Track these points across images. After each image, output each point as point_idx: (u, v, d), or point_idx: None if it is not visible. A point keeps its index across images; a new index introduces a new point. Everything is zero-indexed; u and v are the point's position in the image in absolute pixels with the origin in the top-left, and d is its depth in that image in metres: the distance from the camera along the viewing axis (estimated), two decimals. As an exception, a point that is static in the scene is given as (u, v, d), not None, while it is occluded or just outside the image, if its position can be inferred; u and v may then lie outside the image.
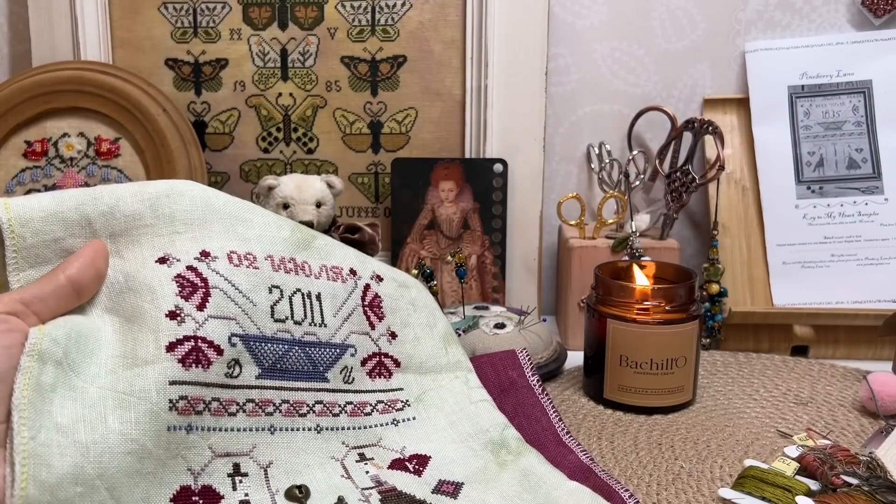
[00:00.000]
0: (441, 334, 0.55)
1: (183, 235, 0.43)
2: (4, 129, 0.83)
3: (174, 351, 0.39)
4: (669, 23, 0.92)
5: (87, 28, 0.87)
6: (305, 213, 0.74)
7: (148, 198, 0.43)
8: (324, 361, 0.47)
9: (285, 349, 0.45)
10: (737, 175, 0.89)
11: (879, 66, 0.87)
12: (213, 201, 0.45)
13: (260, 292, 0.44)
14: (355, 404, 0.49)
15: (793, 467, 0.55)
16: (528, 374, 0.60)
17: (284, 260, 0.47)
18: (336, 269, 0.50)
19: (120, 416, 0.36)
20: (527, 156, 0.87)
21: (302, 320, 0.46)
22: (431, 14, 0.88)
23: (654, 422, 0.65)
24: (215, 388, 0.41)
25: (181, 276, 0.42)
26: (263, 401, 0.44)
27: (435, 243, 0.88)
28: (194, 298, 0.41)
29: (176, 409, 0.39)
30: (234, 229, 0.45)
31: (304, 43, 0.89)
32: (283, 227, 0.48)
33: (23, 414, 0.34)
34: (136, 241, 0.42)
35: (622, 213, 0.86)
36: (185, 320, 0.40)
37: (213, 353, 0.41)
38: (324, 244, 0.51)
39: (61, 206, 0.41)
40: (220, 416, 0.41)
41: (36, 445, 0.33)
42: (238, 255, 0.44)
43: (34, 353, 0.35)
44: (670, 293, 0.66)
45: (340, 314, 0.49)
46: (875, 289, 0.84)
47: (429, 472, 0.47)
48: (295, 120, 0.91)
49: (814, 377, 0.74)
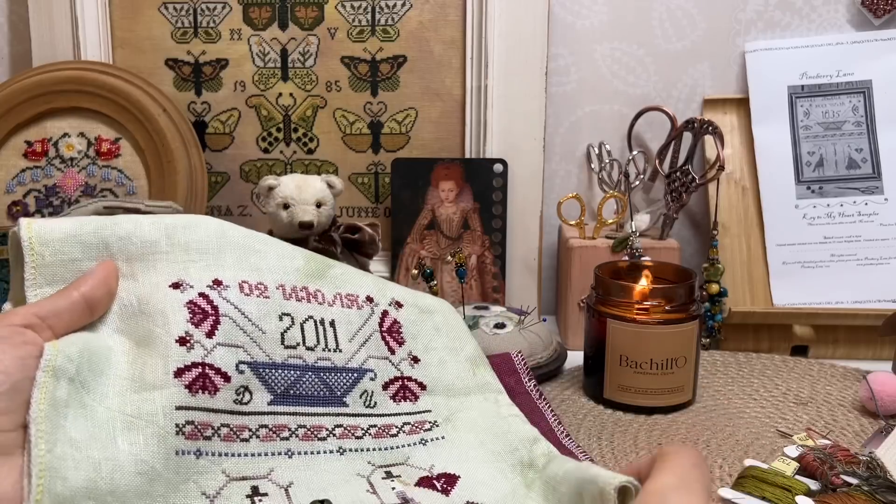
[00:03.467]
0: (468, 357, 0.54)
1: (197, 264, 0.44)
2: (5, 129, 0.83)
3: (182, 377, 0.40)
4: (669, 23, 0.92)
5: (87, 28, 0.87)
6: (305, 213, 0.74)
7: (165, 227, 0.44)
8: (341, 386, 0.47)
9: (297, 375, 0.45)
10: (737, 175, 0.89)
11: (879, 66, 0.87)
12: (229, 233, 0.47)
13: (270, 320, 0.45)
14: (380, 427, 0.48)
15: (793, 467, 0.55)
16: (525, 380, 0.61)
17: (297, 289, 0.48)
18: (351, 296, 0.50)
19: (128, 437, 0.37)
20: (527, 156, 0.87)
21: (315, 346, 0.47)
22: (431, 14, 0.88)
23: (654, 422, 0.65)
24: (224, 415, 0.42)
25: (193, 302, 0.43)
26: (277, 426, 0.44)
27: (435, 243, 0.89)
28: (204, 325, 0.42)
29: (183, 433, 0.39)
30: (247, 259, 0.46)
31: (305, 43, 0.89)
32: (296, 258, 0.49)
33: (40, 427, 0.34)
34: (152, 266, 0.43)
35: (622, 213, 0.86)
36: (194, 346, 0.41)
37: (220, 380, 0.42)
38: (340, 273, 0.51)
39: (80, 229, 0.42)
40: (231, 442, 0.42)
41: (52, 458, 0.34)
42: (249, 284, 0.45)
43: (49, 368, 0.36)
44: (670, 293, 0.66)
45: (356, 339, 0.49)
46: (875, 289, 0.85)
47: (457, 492, 0.46)
48: (295, 120, 0.91)
49: (814, 377, 0.74)
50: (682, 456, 0.36)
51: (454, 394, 0.52)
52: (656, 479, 0.34)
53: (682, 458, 0.35)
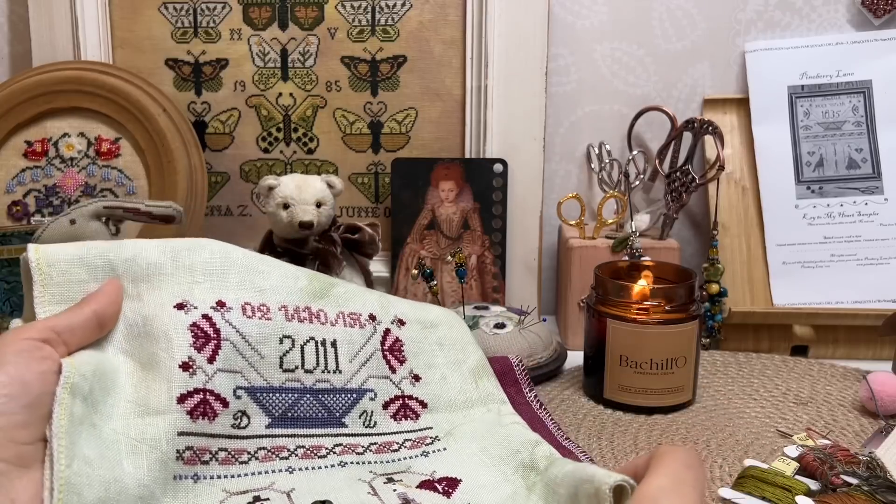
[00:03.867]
0: (471, 369, 0.55)
1: (202, 285, 0.45)
2: (5, 129, 0.83)
3: (184, 403, 0.41)
4: (669, 23, 0.92)
5: (87, 28, 0.87)
6: (305, 214, 0.74)
7: (170, 250, 0.46)
8: (339, 407, 0.48)
9: (295, 398, 0.46)
10: (737, 175, 0.89)
11: (879, 66, 0.87)
12: (232, 254, 0.48)
13: (270, 343, 0.46)
14: (381, 444, 0.49)
15: (793, 467, 0.55)
16: (526, 390, 0.61)
17: (299, 309, 0.48)
18: (354, 315, 0.51)
19: (133, 461, 0.38)
20: (527, 156, 0.87)
21: (314, 368, 0.47)
22: (431, 14, 0.88)
23: (654, 422, 0.65)
24: (222, 439, 0.42)
25: (196, 325, 0.43)
26: (276, 448, 0.45)
27: (435, 243, 0.88)
28: (206, 350, 0.43)
29: (182, 458, 0.40)
30: (250, 280, 0.47)
31: (305, 43, 0.89)
32: (300, 278, 0.50)
33: (61, 442, 0.35)
34: (157, 287, 0.44)
35: (622, 213, 0.86)
36: (196, 373, 0.42)
37: (219, 406, 0.43)
38: (343, 291, 0.52)
39: (87, 253, 0.44)
40: (229, 465, 0.42)
41: (70, 474, 0.35)
42: (252, 306, 0.46)
43: (68, 385, 0.37)
44: (670, 293, 0.66)
45: (357, 360, 0.50)
46: (875, 289, 0.85)
47: (458, 494, 0.46)
48: (295, 120, 0.91)
49: (814, 377, 0.74)
50: (677, 457, 0.36)
51: (456, 408, 0.53)
52: (649, 482, 0.35)
53: (677, 460, 0.36)
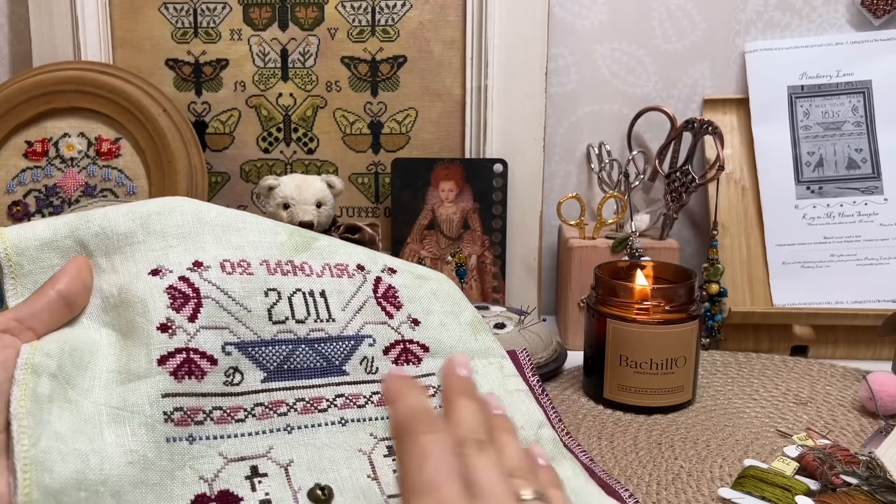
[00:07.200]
0: (468, 321, 0.53)
1: (176, 249, 0.44)
2: (5, 129, 0.83)
3: (165, 364, 0.40)
4: (669, 23, 0.92)
5: (87, 28, 0.87)
6: (306, 214, 0.74)
7: (139, 216, 0.44)
8: (338, 355, 0.46)
9: (290, 349, 0.45)
10: (736, 175, 0.89)
11: (879, 67, 0.87)
12: (205, 214, 0.46)
13: (255, 297, 0.44)
14: (382, 393, 0.47)
15: (792, 467, 0.55)
16: (529, 374, 0.60)
17: (281, 263, 0.47)
18: (340, 265, 0.49)
19: (115, 429, 0.37)
20: (527, 156, 0.88)
21: (305, 318, 0.46)
22: (431, 14, 0.88)
23: (654, 421, 0.65)
24: (215, 398, 0.41)
25: (173, 287, 0.42)
26: (274, 402, 0.43)
27: (435, 243, 0.89)
28: (186, 310, 0.42)
29: (172, 420, 0.39)
30: (226, 238, 0.46)
31: (305, 43, 0.89)
32: (279, 233, 0.48)
33: (22, 423, 0.34)
34: (131, 256, 0.43)
35: (622, 213, 0.86)
36: (176, 332, 0.41)
37: (206, 364, 0.41)
38: (326, 244, 0.50)
39: (55, 234, 0.42)
40: (225, 424, 0.41)
41: (37, 452, 0.34)
42: (231, 262, 0.44)
43: (27, 366, 0.36)
44: (670, 293, 0.66)
45: (350, 307, 0.48)
46: (875, 289, 0.85)
47: None
48: (295, 120, 0.91)
49: (813, 377, 0.74)
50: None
51: None
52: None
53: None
